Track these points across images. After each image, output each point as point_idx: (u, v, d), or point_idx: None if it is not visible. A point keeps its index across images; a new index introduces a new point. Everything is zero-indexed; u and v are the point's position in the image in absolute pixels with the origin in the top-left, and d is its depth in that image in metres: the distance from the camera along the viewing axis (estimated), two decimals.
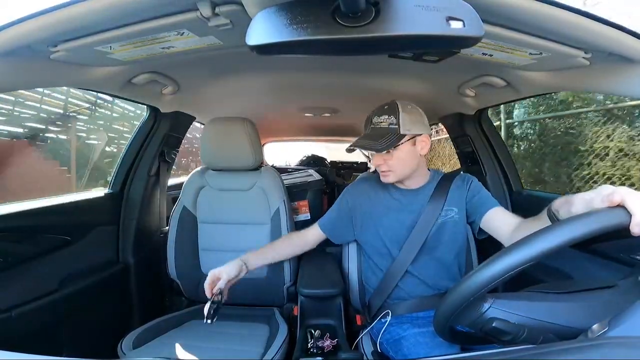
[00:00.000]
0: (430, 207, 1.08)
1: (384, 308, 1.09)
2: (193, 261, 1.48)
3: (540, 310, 0.52)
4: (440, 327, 0.59)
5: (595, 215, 0.47)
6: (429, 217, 1.07)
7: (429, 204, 1.09)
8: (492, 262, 0.49)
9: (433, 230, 1.07)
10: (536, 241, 0.47)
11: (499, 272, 0.48)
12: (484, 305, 0.53)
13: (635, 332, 0.41)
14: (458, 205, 1.10)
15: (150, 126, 1.54)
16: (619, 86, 0.81)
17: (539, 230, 0.48)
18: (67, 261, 1.22)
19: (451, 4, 0.48)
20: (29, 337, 1.04)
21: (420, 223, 1.07)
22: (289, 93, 1.70)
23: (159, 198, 1.66)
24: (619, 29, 0.67)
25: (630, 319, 0.43)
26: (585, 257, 1.04)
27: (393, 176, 1.07)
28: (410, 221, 1.09)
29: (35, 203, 1.21)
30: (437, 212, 1.07)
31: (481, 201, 1.07)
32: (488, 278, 0.48)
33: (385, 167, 1.06)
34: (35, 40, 0.72)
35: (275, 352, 1.11)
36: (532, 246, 0.47)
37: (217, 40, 0.84)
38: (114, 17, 0.69)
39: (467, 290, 0.51)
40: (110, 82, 1.09)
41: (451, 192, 1.10)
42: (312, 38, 0.48)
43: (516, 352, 0.45)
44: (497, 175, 1.57)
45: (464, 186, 1.12)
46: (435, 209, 1.08)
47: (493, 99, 1.40)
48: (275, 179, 1.47)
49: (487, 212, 1.04)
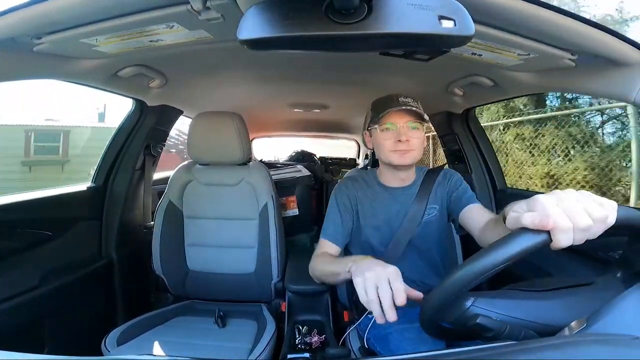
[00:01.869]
0: (416, 205, 1.09)
1: None
2: (179, 257, 1.46)
3: (519, 308, 0.53)
4: (426, 324, 0.59)
5: (516, 240, 0.47)
6: (414, 215, 1.08)
7: (415, 203, 1.09)
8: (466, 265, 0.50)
9: (419, 229, 1.08)
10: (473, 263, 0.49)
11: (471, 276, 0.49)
12: (466, 303, 0.54)
13: (613, 329, 0.43)
14: (440, 202, 1.11)
15: (135, 119, 1.51)
16: (603, 88, 0.83)
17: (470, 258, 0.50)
18: (48, 257, 1.19)
19: (443, 3, 0.48)
20: (9, 334, 1.01)
21: (407, 222, 1.08)
22: (278, 88, 1.69)
23: (144, 192, 1.63)
24: (606, 32, 0.68)
25: (607, 316, 0.44)
26: (564, 255, 1.08)
27: (412, 156, 1.04)
28: (398, 220, 1.09)
29: (15, 197, 1.17)
30: (422, 210, 1.08)
31: (459, 197, 1.07)
32: (463, 281, 0.50)
33: (408, 145, 1.02)
34: (19, 33, 0.70)
35: (263, 349, 1.11)
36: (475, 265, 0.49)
37: (208, 34, 0.83)
38: (101, 9, 0.67)
39: (448, 290, 0.52)
40: (95, 75, 1.06)
41: (434, 190, 1.11)
42: (304, 34, 0.48)
43: (498, 348, 0.46)
44: (483, 174, 1.60)
45: (445, 182, 1.12)
46: (420, 207, 1.08)
47: (481, 99, 1.43)
48: (264, 174, 1.46)
49: (464, 209, 1.04)
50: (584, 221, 0.44)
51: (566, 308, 0.52)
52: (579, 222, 0.44)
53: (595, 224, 0.44)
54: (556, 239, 0.44)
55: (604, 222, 0.45)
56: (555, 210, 0.44)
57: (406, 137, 1.02)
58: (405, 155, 1.04)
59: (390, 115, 1.03)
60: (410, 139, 1.02)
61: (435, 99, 1.56)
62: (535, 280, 0.62)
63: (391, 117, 1.03)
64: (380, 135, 1.06)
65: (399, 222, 1.09)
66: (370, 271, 0.68)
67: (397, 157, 1.04)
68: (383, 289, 0.65)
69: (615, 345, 0.40)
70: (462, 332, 0.57)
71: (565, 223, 0.44)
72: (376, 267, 0.70)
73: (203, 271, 1.47)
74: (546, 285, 0.57)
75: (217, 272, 1.46)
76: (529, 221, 0.45)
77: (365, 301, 0.67)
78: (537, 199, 0.47)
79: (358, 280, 0.69)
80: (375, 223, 1.11)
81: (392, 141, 1.03)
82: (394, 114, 1.03)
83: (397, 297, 0.64)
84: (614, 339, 0.41)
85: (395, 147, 1.03)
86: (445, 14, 0.48)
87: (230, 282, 1.45)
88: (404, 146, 1.02)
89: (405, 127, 1.02)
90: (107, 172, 1.49)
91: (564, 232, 0.44)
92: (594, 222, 0.44)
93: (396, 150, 1.03)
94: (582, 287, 0.56)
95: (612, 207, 0.46)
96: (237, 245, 1.46)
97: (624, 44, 0.70)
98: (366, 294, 0.66)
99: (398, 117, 1.03)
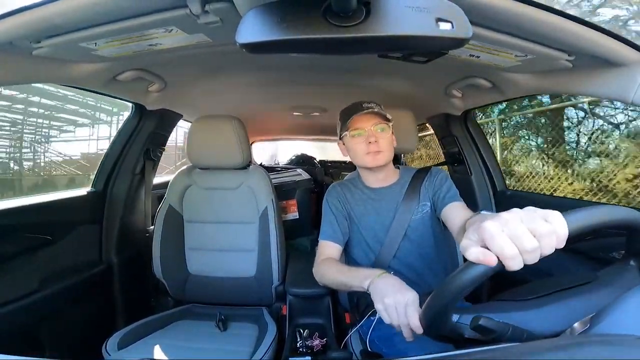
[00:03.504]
0: (405, 204, 1.12)
1: (372, 306, 1.09)
2: (179, 261, 1.46)
3: (515, 320, 0.53)
4: (429, 335, 0.60)
5: (469, 272, 0.48)
6: (404, 214, 1.11)
7: (403, 201, 1.12)
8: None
9: (412, 226, 1.10)
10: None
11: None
12: (452, 318, 0.55)
13: (617, 329, 0.43)
14: (430, 199, 1.14)
15: (135, 124, 1.51)
16: (600, 88, 0.84)
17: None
18: (48, 261, 1.19)
19: (440, 5, 0.49)
20: (10, 338, 1.01)
21: (397, 221, 1.11)
22: (277, 91, 1.69)
23: (144, 197, 1.63)
24: (602, 32, 0.69)
25: (611, 316, 0.44)
26: (565, 256, 1.08)
27: (383, 157, 1.10)
28: (388, 220, 1.12)
29: (15, 201, 1.17)
30: (412, 208, 1.11)
31: (442, 195, 1.10)
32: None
33: (377, 146, 1.08)
34: (17, 37, 0.70)
35: (264, 352, 1.10)
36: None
37: (206, 38, 0.83)
38: (100, 13, 0.67)
39: (428, 315, 0.56)
40: (94, 79, 1.06)
41: (423, 188, 1.14)
42: (302, 37, 0.48)
43: (502, 350, 0.46)
44: (482, 176, 1.60)
45: (432, 180, 1.15)
46: (409, 205, 1.12)
47: (479, 100, 1.43)
48: (264, 178, 1.46)
49: (445, 207, 1.07)
50: (529, 244, 0.44)
51: (567, 311, 0.52)
52: (524, 246, 0.44)
53: (543, 240, 0.44)
54: (507, 265, 0.44)
55: (553, 237, 0.44)
56: (499, 240, 0.44)
57: (375, 138, 1.07)
58: (377, 157, 1.09)
59: (357, 119, 1.09)
60: (379, 140, 1.08)
61: (434, 101, 1.56)
62: (519, 289, 0.61)
63: (358, 122, 1.09)
64: (352, 141, 1.11)
65: (390, 220, 1.12)
66: (388, 298, 0.73)
67: (370, 160, 1.10)
68: (402, 321, 0.69)
69: (619, 346, 0.39)
70: (463, 338, 0.57)
71: (510, 251, 0.44)
72: (395, 294, 0.73)
73: (203, 275, 1.47)
74: (532, 291, 0.57)
75: (218, 275, 1.45)
76: (473, 257, 0.46)
77: (390, 324, 0.72)
78: (484, 228, 0.46)
79: (379, 307, 0.74)
80: (367, 222, 1.14)
81: (364, 144, 1.09)
82: (360, 117, 1.08)
83: (412, 325, 0.67)
84: (618, 339, 0.41)
85: (368, 149, 1.08)
86: (443, 16, 0.48)
87: (231, 286, 1.45)
88: (374, 147, 1.08)
89: (373, 129, 1.08)
90: (107, 176, 1.49)
91: (512, 258, 0.44)
92: (541, 239, 0.44)
93: (368, 152, 1.09)
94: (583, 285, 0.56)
95: (557, 219, 0.45)
96: (237, 249, 1.46)
97: (621, 44, 0.71)
98: (390, 318, 0.72)
99: (364, 120, 1.08)
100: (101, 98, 4.25)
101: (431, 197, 1.13)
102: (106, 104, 8.83)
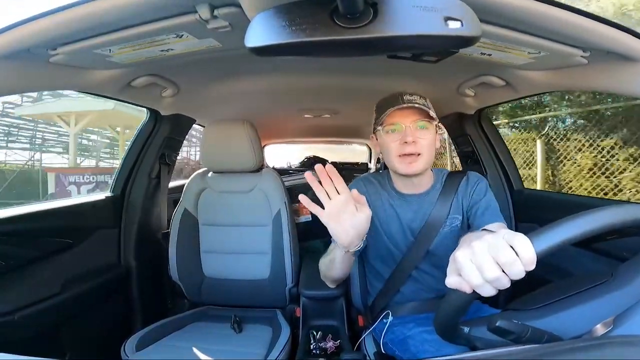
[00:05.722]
0: (436, 214, 1.00)
1: (386, 310, 1.08)
2: (195, 263, 1.49)
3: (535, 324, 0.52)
4: (441, 336, 0.60)
5: (452, 299, 0.51)
6: (433, 225, 1.00)
7: (434, 211, 1.00)
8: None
9: (438, 239, 1.00)
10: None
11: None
12: (463, 330, 0.57)
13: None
14: (462, 212, 1.02)
15: (150, 129, 1.54)
16: (617, 84, 0.82)
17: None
18: (69, 264, 1.22)
19: (449, 4, 0.48)
20: (32, 340, 1.04)
21: (425, 231, 1.00)
22: (288, 94, 1.70)
23: (160, 200, 1.66)
24: (617, 28, 0.67)
25: (634, 317, 0.43)
26: (585, 254, 1.05)
27: (422, 163, 0.94)
28: (415, 228, 1.02)
29: (37, 206, 1.21)
30: (441, 219, 0.99)
31: (479, 211, 0.98)
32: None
33: (415, 147, 0.93)
34: (34, 44, 0.72)
35: (278, 354, 1.11)
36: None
37: (216, 43, 0.85)
38: (113, 20, 0.69)
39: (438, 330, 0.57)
40: (109, 85, 1.09)
41: (456, 198, 1.01)
42: (310, 39, 0.49)
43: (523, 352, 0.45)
44: (498, 175, 1.57)
45: (468, 190, 1.02)
46: (440, 216, 1.00)
47: (492, 99, 1.40)
48: (276, 181, 1.47)
49: (482, 227, 0.93)
50: (491, 274, 0.45)
51: (566, 322, 0.51)
52: (487, 276, 0.45)
53: (507, 268, 0.45)
54: (479, 292, 0.47)
55: (517, 263, 0.44)
56: (466, 270, 0.47)
57: (413, 138, 0.92)
58: (412, 165, 0.94)
59: (394, 114, 0.94)
60: (417, 140, 0.93)
61: (446, 101, 1.54)
62: (534, 294, 0.61)
63: (395, 117, 0.94)
64: (385, 137, 0.97)
65: (416, 230, 1.02)
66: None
67: (404, 167, 0.96)
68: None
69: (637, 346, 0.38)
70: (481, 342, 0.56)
71: (476, 281, 0.46)
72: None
73: (218, 277, 1.49)
74: (548, 296, 0.56)
75: (232, 278, 1.47)
76: (451, 286, 0.50)
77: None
78: (456, 258, 0.49)
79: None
80: (390, 230, 1.04)
81: (398, 143, 0.94)
82: (398, 112, 0.94)
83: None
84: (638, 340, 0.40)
85: (402, 150, 0.94)
86: (452, 15, 0.48)
87: (245, 288, 1.46)
88: (410, 148, 0.93)
89: (412, 126, 0.93)
90: (124, 181, 1.52)
91: (480, 287, 0.47)
92: (505, 267, 0.45)
93: (403, 155, 0.95)
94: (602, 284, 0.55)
95: (521, 244, 0.44)
96: (251, 252, 1.47)
97: (636, 39, 0.69)
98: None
99: (403, 116, 0.94)
100: None
101: (465, 211, 1.01)
102: None
